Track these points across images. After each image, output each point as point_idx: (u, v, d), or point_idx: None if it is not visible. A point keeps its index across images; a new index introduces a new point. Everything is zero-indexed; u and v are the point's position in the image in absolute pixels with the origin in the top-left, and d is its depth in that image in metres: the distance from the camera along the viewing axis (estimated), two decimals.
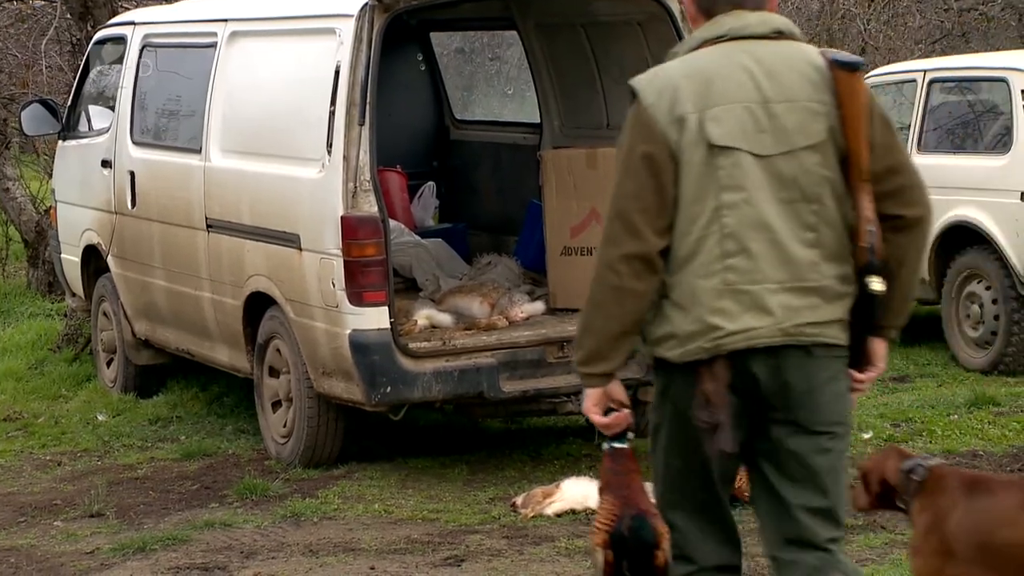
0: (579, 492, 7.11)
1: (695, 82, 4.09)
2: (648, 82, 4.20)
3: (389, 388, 7.52)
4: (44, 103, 10.63)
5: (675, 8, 8.06)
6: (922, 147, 10.70)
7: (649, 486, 4.34)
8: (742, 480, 5.58)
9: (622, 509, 4.44)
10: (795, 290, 4.06)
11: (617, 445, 4.37)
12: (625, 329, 4.11)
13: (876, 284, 4.09)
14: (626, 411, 4.22)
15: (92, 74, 10.53)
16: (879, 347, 4.21)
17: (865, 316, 4.12)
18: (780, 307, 4.05)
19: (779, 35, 4.13)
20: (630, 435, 4.37)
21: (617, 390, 4.21)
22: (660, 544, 4.41)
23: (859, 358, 4.19)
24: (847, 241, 4.09)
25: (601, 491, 4.51)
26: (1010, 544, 4.56)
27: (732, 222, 4.03)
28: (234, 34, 8.72)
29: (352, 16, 7.57)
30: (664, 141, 4.06)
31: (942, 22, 24.31)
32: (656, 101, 4.11)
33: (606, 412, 4.20)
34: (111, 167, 9.79)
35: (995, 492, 4.70)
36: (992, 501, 4.65)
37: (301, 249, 7.84)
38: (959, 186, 10.29)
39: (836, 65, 4.08)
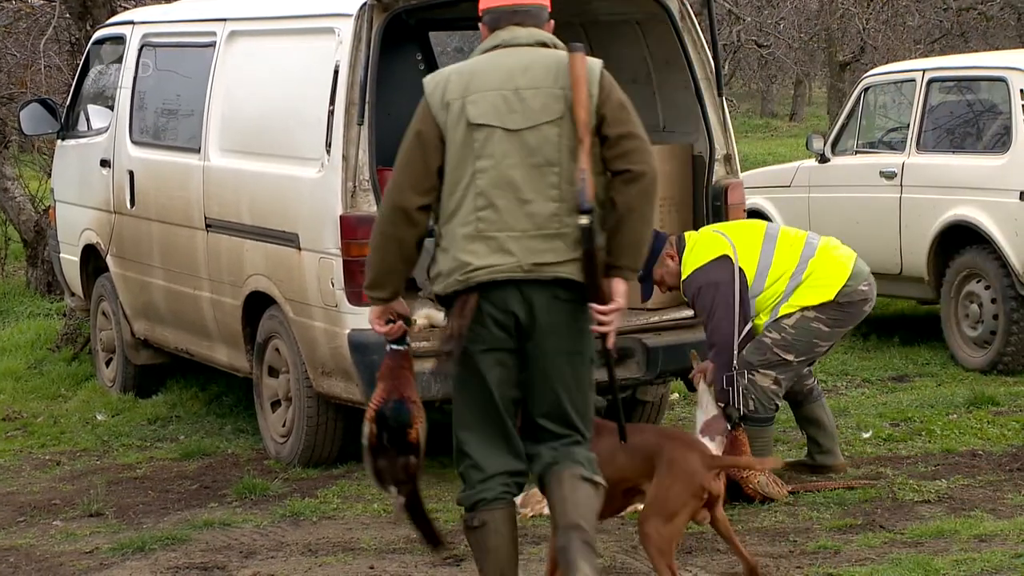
0: None
1: (462, 76, 5.22)
2: (430, 79, 5.30)
3: None
4: (43, 103, 10.62)
5: (674, 7, 8.06)
6: (921, 146, 10.70)
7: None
8: (747, 476, 5.88)
9: (389, 394, 5.50)
10: (537, 237, 5.14)
11: (396, 347, 5.53)
12: (392, 266, 5.31)
13: (583, 219, 5.10)
14: (401, 322, 5.44)
15: (91, 74, 10.52)
16: (617, 285, 5.20)
17: (587, 253, 5.12)
18: (521, 249, 5.14)
19: (542, 45, 5.26)
20: (409, 341, 5.55)
21: (398, 306, 5.43)
22: (414, 424, 5.49)
23: (601, 296, 5.17)
24: None
25: (378, 380, 5.55)
26: (607, 479, 5.34)
27: (483, 183, 5.15)
28: (233, 33, 8.72)
29: (351, 16, 7.57)
30: (433, 122, 5.20)
31: (941, 21, 24.33)
32: (432, 91, 5.23)
33: (388, 323, 5.43)
34: (110, 167, 9.79)
35: (596, 437, 5.44)
36: (594, 444, 5.39)
37: (300, 249, 7.83)
38: (958, 185, 10.30)
39: (570, 49, 5.20)
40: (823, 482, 7.39)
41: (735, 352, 7.13)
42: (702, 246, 7.27)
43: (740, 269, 7.18)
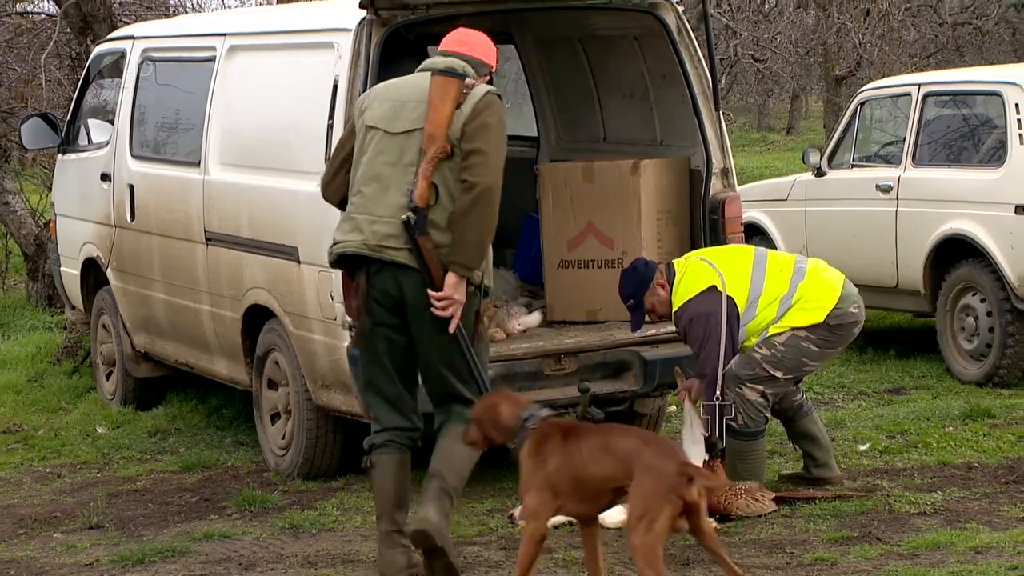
0: None
1: (378, 90, 6.43)
2: (366, 91, 6.65)
3: None
4: (44, 117, 10.63)
5: (671, 22, 8.07)
6: (917, 160, 10.71)
7: None
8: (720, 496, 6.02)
9: None
10: (388, 223, 6.13)
11: None
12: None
13: (404, 215, 6.09)
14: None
15: (91, 88, 10.53)
16: (448, 278, 6.12)
17: (413, 242, 6.09)
18: (371, 231, 6.15)
19: (450, 70, 6.23)
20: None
21: None
22: None
23: (435, 285, 6.13)
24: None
25: None
26: (595, 478, 5.74)
27: (360, 174, 6.25)
28: (233, 48, 8.73)
29: (350, 31, 7.58)
30: (353, 122, 6.42)
31: (936, 36, 24.36)
32: (360, 101, 6.47)
33: None
34: (110, 180, 9.79)
35: (583, 437, 5.82)
36: (581, 444, 5.78)
37: (299, 262, 7.84)
38: (954, 199, 10.30)
39: (433, 72, 6.27)
40: (813, 491, 7.39)
41: (720, 384, 7.13)
42: (691, 276, 7.26)
43: (730, 299, 7.17)
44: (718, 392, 7.13)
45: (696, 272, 7.27)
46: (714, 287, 7.19)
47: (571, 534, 6.96)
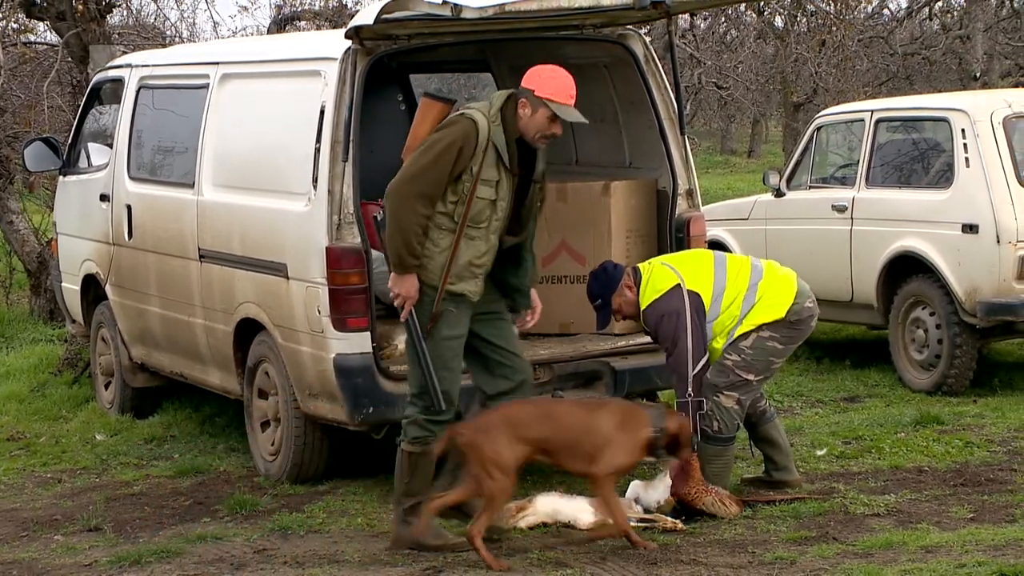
0: (551, 506, 7.09)
1: None
2: None
3: (371, 409, 7.50)
4: (46, 141, 10.59)
5: (639, 52, 8.09)
6: (870, 182, 10.74)
7: None
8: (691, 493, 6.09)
9: None
10: None
11: None
12: None
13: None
14: None
15: (91, 113, 10.50)
16: None
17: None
18: None
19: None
20: None
21: None
22: None
23: None
24: None
25: None
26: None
27: None
28: (225, 76, 8.71)
29: (336, 59, 7.57)
30: None
31: (888, 65, 24.46)
32: None
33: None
34: (109, 201, 9.75)
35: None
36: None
37: (288, 278, 7.81)
38: (905, 218, 10.33)
39: (423, 95, 6.76)
40: (776, 494, 7.39)
41: (690, 380, 7.11)
42: (656, 278, 7.25)
43: (697, 294, 7.17)
44: (690, 389, 7.10)
45: (660, 274, 7.26)
46: (679, 286, 7.18)
47: (545, 535, 6.95)
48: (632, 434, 6.62)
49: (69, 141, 10.60)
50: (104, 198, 9.82)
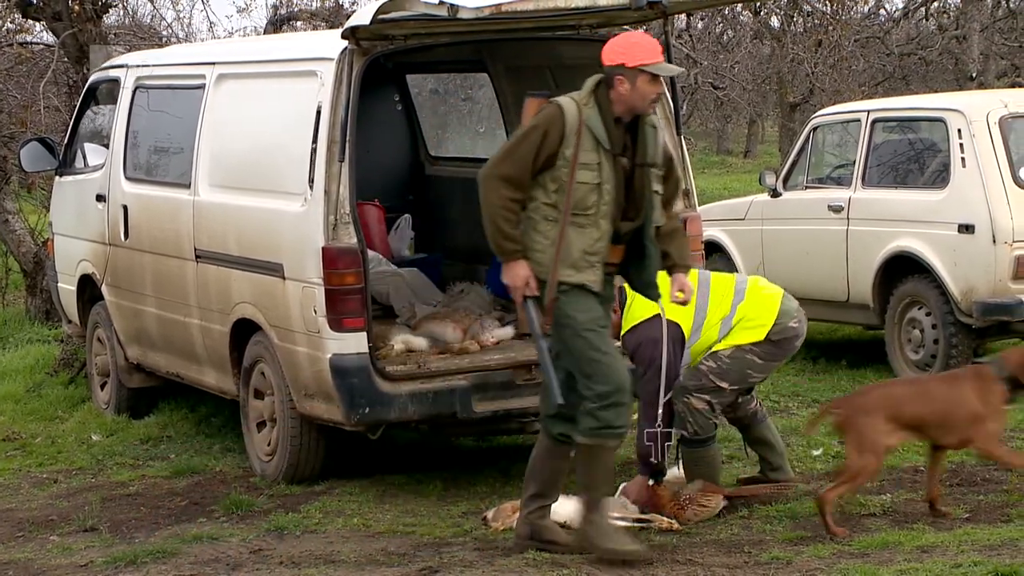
0: None
1: None
2: None
3: (367, 409, 7.50)
4: (42, 141, 10.59)
5: None
6: (866, 182, 10.74)
7: None
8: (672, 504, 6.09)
9: None
10: None
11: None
12: None
13: None
14: None
15: (87, 114, 10.49)
16: None
17: None
18: None
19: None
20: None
21: None
22: None
23: None
24: None
25: None
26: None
27: None
28: (221, 76, 8.70)
29: (333, 59, 7.57)
30: None
31: (884, 66, 24.48)
32: None
33: None
34: (105, 201, 9.75)
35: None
36: None
37: (285, 278, 7.81)
38: (900, 219, 10.33)
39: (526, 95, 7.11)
40: (759, 487, 7.36)
41: (660, 408, 7.05)
42: (639, 304, 7.14)
43: (676, 324, 7.08)
44: (659, 419, 7.05)
45: (643, 300, 7.17)
46: (659, 315, 7.09)
47: None
48: (992, 395, 6.88)
49: (65, 141, 10.59)
50: (100, 198, 9.81)
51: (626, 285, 7.25)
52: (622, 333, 7.21)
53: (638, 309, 7.16)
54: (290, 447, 8.04)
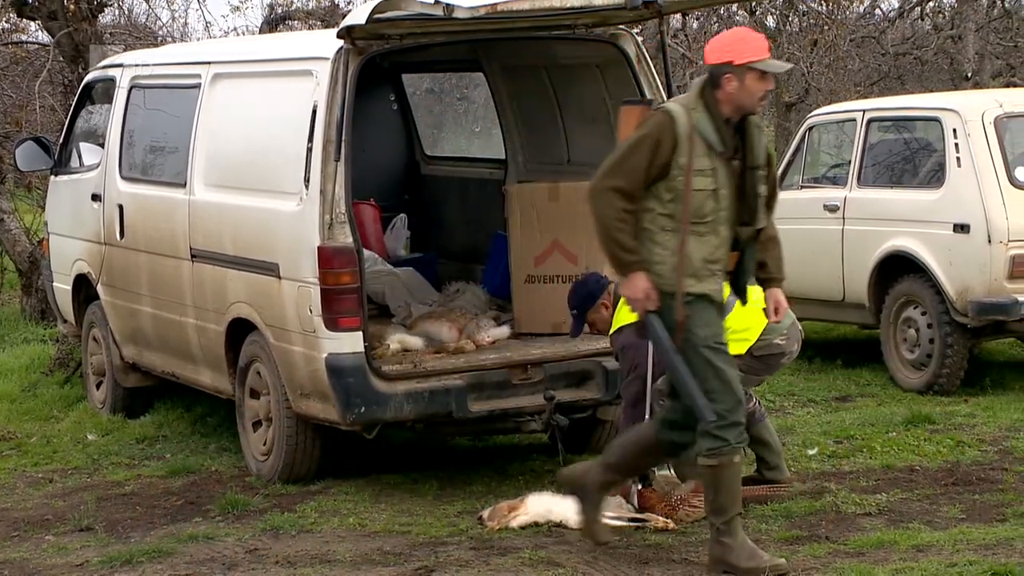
0: (542, 506, 7.09)
1: None
2: None
3: (363, 408, 7.50)
4: (37, 141, 10.57)
5: (631, 52, 8.09)
6: (862, 181, 10.75)
7: None
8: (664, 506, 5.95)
9: None
10: None
11: None
12: None
13: None
14: None
15: (83, 113, 10.48)
16: None
17: None
18: None
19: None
20: None
21: None
22: None
23: None
24: None
25: None
26: None
27: None
28: (217, 76, 8.70)
29: (328, 59, 7.57)
30: None
31: (879, 65, 24.48)
32: None
33: None
34: (101, 201, 9.74)
35: None
36: None
37: (280, 278, 7.81)
38: (896, 218, 10.34)
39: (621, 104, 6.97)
40: (755, 488, 7.35)
41: (648, 412, 7.00)
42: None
43: None
44: (646, 418, 7.01)
45: None
46: None
47: (536, 535, 6.95)
48: None
49: (60, 141, 10.58)
50: (96, 198, 9.81)
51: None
52: (610, 332, 7.21)
53: (628, 310, 7.15)
54: (286, 447, 8.04)
